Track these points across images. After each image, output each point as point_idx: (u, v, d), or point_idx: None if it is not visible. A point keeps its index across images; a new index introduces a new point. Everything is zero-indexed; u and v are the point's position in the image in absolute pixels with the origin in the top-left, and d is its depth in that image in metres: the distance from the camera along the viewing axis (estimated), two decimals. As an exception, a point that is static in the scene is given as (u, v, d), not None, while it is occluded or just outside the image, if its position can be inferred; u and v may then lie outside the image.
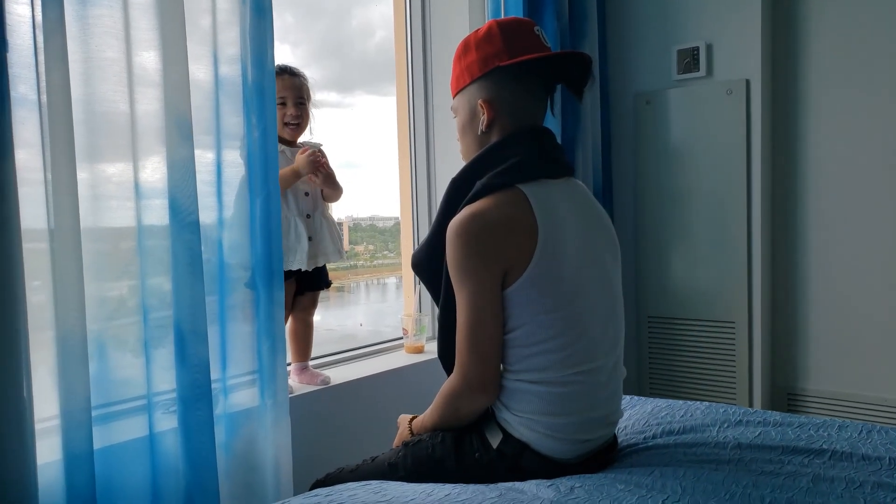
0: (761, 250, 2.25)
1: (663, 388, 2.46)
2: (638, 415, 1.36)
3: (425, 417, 1.18)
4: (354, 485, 1.04)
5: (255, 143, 1.41)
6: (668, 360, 2.44)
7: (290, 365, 1.76)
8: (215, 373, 1.36)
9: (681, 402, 1.43)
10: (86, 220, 1.15)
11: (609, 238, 1.17)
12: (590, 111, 2.33)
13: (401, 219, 2.37)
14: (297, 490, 1.51)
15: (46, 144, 1.08)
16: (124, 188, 1.22)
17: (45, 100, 1.07)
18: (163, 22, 1.22)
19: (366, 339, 2.22)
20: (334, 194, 1.77)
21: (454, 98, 1.20)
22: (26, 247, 1.04)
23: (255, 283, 1.43)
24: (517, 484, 1.02)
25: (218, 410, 1.37)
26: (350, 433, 1.77)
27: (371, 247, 2.67)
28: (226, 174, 1.39)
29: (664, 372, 2.45)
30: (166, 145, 1.24)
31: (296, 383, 1.74)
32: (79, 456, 1.12)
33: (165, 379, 1.26)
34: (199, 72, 1.33)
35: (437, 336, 1.18)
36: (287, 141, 1.72)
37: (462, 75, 1.17)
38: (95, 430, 1.15)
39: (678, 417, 1.32)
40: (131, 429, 1.24)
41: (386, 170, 2.39)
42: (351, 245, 2.59)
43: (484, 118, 1.14)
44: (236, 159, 1.41)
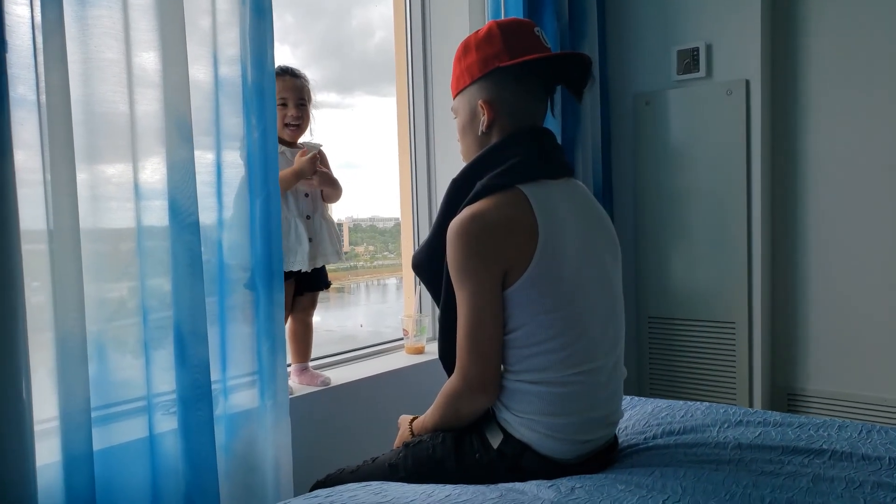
0: (761, 251, 2.25)
1: (663, 389, 2.45)
2: (638, 415, 1.36)
3: (426, 418, 1.18)
4: (355, 485, 1.04)
5: (254, 143, 1.41)
6: (668, 360, 2.44)
7: (289, 366, 1.76)
8: (215, 374, 1.36)
9: (681, 402, 1.43)
10: (85, 221, 1.15)
11: (609, 238, 1.17)
12: (590, 112, 2.33)
13: (401, 219, 2.36)
14: (298, 491, 1.51)
15: (46, 145, 1.08)
16: (124, 189, 1.22)
17: (44, 100, 1.06)
18: (162, 23, 1.22)
19: (366, 340, 2.22)
20: (334, 194, 1.77)
21: (454, 99, 1.20)
22: (25, 248, 1.04)
23: (255, 284, 1.43)
24: (518, 484, 1.02)
25: (218, 411, 1.37)
26: (350, 434, 1.77)
27: (371, 247, 2.67)
28: (226, 175, 1.39)
29: (664, 372, 2.45)
30: (166, 146, 1.23)
31: (296, 384, 1.74)
32: (78, 457, 1.12)
33: (165, 380, 1.26)
34: (199, 72, 1.33)
35: (437, 337, 1.18)
36: (287, 142, 1.72)
37: (462, 76, 1.16)
38: (95, 432, 1.15)
39: (678, 418, 1.32)
40: (131, 430, 1.24)
41: (386, 170, 2.39)
42: (351, 246, 2.58)
43: (484, 119, 1.14)
44: (236, 160, 1.41)
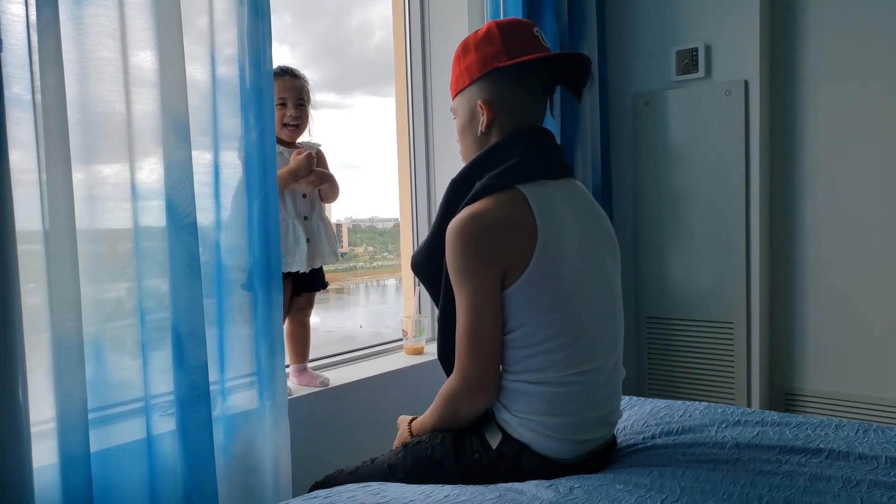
0: (760, 251, 2.25)
1: (662, 389, 2.45)
2: (637, 415, 1.36)
3: (425, 418, 1.18)
4: (354, 486, 1.04)
5: (252, 144, 1.40)
6: (666, 360, 2.44)
7: (288, 367, 1.75)
8: (213, 375, 1.35)
9: (679, 402, 1.43)
10: (81, 222, 1.14)
11: (608, 239, 1.17)
12: (589, 112, 2.33)
13: (400, 220, 2.36)
14: (297, 492, 1.51)
15: (41, 145, 1.07)
16: (121, 189, 1.21)
17: (39, 100, 1.06)
18: (159, 22, 1.21)
19: (366, 340, 2.22)
20: (332, 194, 1.76)
21: (454, 99, 1.20)
22: (21, 249, 1.03)
23: (253, 285, 1.43)
24: (516, 484, 1.02)
25: (216, 412, 1.37)
26: (349, 435, 1.77)
27: (370, 248, 2.66)
28: (223, 175, 1.38)
29: (663, 372, 2.45)
30: (163, 146, 1.23)
31: (294, 385, 1.73)
32: (75, 459, 1.11)
33: (163, 381, 1.26)
34: (197, 72, 1.32)
35: (436, 337, 1.18)
36: (285, 142, 1.72)
37: (461, 76, 1.16)
38: (92, 433, 1.15)
39: (677, 418, 1.32)
40: (129, 431, 1.23)
41: (385, 171, 2.38)
42: (350, 246, 2.58)
43: (483, 119, 1.13)
44: (234, 160, 1.40)
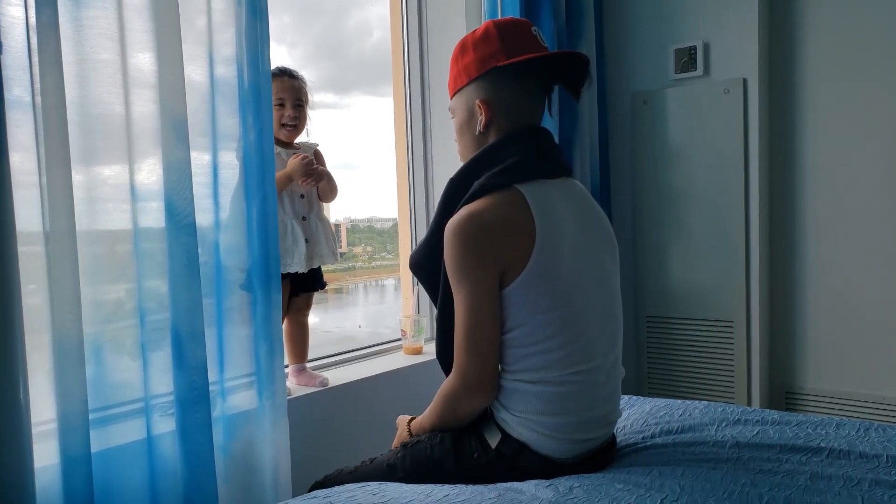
0: (759, 249, 2.25)
1: (662, 388, 2.46)
2: (636, 414, 1.36)
3: (424, 418, 1.18)
4: (353, 486, 1.04)
5: (251, 144, 1.40)
6: (666, 359, 2.44)
7: (287, 367, 1.75)
8: (213, 375, 1.35)
9: (679, 401, 1.43)
10: (81, 223, 1.15)
11: (607, 238, 1.17)
12: (587, 111, 2.33)
13: (399, 220, 2.36)
14: (296, 492, 1.51)
15: (41, 147, 1.07)
16: (120, 190, 1.22)
17: (39, 102, 1.06)
18: (157, 23, 1.21)
19: (365, 340, 2.22)
20: (330, 194, 1.76)
21: (452, 99, 1.20)
22: (22, 250, 1.03)
23: (252, 286, 1.43)
24: (516, 484, 1.02)
25: (216, 413, 1.37)
26: (349, 434, 1.77)
27: (369, 248, 2.67)
28: (222, 176, 1.39)
29: (663, 371, 2.45)
30: (162, 147, 1.23)
31: (294, 385, 1.73)
32: (76, 459, 1.11)
33: (163, 381, 1.26)
34: (195, 73, 1.32)
35: (435, 336, 1.18)
36: (283, 142, 1.72)
37: (459, 76, 1.16)
38: (93, 434, 1.15)
39: (677, 417, 1.32)
40: (129, 432, 1.24)
41: (384, 171, 2.38)
42: (349, 246, 2.58)
43: (481, 118, 1.13)
44: (233, 161, 1.41)
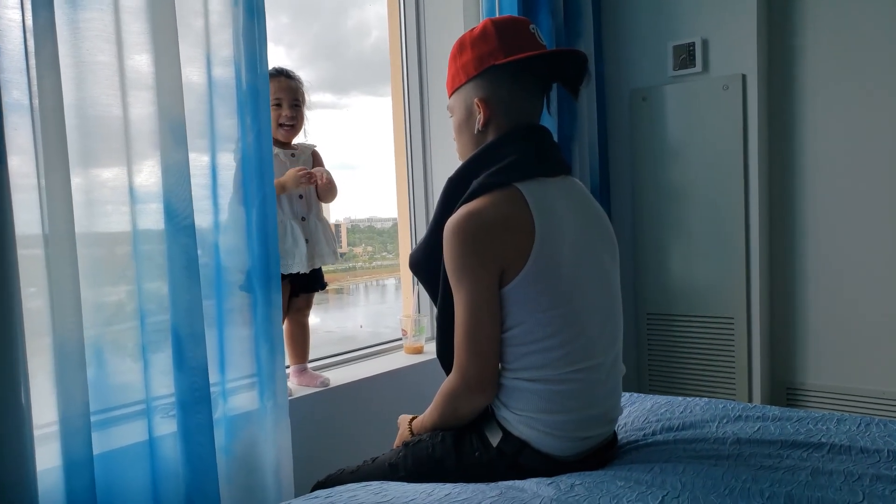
0: (759, 245, 2.25)
1: (663, 385, 2.46)
2: (637, 412, 1.36)
3: (425, 417, 1.18)
4: (355, 486, 1.04)
5: (249, 145, 1.40)
6: (667, 356, 2.44)
7: (288, 367, 1.75)
8: (214, 376, 1.36)
9: (680, 398, 1.43)
10: (81, 226, 1.15)
11: (607, 236, 1.17)
12: (586, 109, 2.33)
13: (398, 219, 2.36)
14: (298, 492, 1.51)
15: (39, 150, 1.07)
16: (119, 193, 1.22)
17: (37, 104, 1.06)
18: (154, 25, 1.21)
19: (366, 340, 2.22)
20: (330, 193, 1.76)
21: (450, 97, 1.20)
22: (21, 253, 1.04)
23: (253, 287, 1.43)
24: (517, 482, 1.02)
25: (217, 414, 1.37)
26: (350, 434, 1.77)
27: (370, 248, 2.67)
28: (221, 177, 1.39)
29: (664, 368, 2.45)
30: (160, 149, 1.23)
31: (295, 385, 1.73)
32: (78, 461, 1.12)
33: (164, 383, 1.26)
34: (193, 74, 1.32)
35: (435, 336, 1.18)
36: (281, 143, 1.72)
37: (458, 74, 1.16)
38: (95, 436, 1.15)
39: (678, 414, 1.32)
40: (130, 433, 1.24)
41: (383, 171, 2.38)
42: (349, 247, 2.58)
43: (480, 117, 1.13)
44: (231, 162, 1.41)
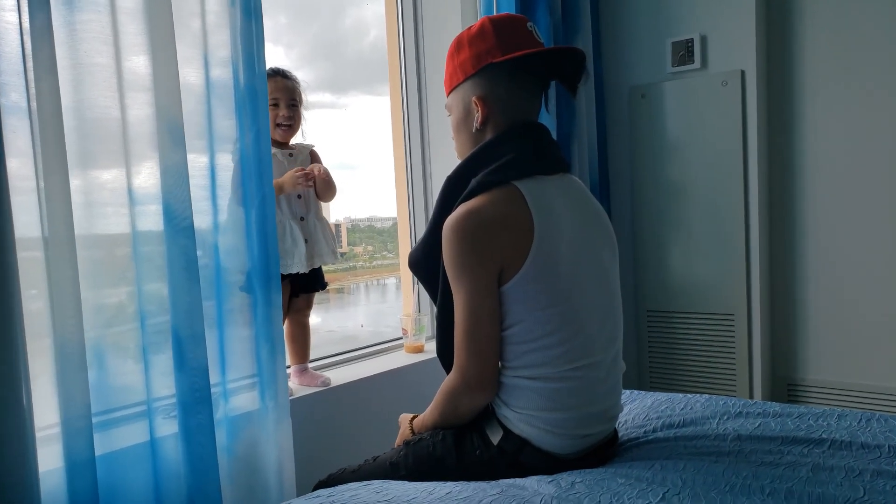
0: (759, 242, 2.25)
1: (663, 382, 2.46)
2: (638, 409, 1.37)
3: (426, 416, 1.18)
4: (356, 485, 1.05)
5: (248, 145, 1.40)
6: (667, 353, 2.44)
7: (289, 367, 1.76)
8: (215, 377, 1.36)
9: (681, 395, 1.43)
10: (80, 228, 1.15)
11: (606, 234, 1.17)
12: (585, 106, 2.32)
13: (398, 219, 2.36)
14: (300, 491, 1.51)
15: (38, 152, 1.08)
16: (118, 194, 1.22)
17: (35, 107, 1.06)
18: (151, 26, 1.21)
19: (367, 340, 2.22)
20: (329, 192, 1.76)
21: (448, 96, 1.20)
22: (21, 255, 1.04)
23: (253, 287, 1.43)
24: (518, 480, 1.03)
25: (218, 414, 1.37)
26: (351, 434, 1.78)
27: (370, 248, 2.67)
28: (220, 178, 1.39)
29: (664, 366, 2.46)
30: (159, 150, 1.23)
31: (296, 385, 1.74)
32: (80, 463, 1.12)
33: (165, 384, 1.26)
34: (191, 75, 1.32)
35: (435, 334, 1.18)
36: (279, 142, 1.72)
37: (455, 73, 1.16)
38: (96, 437, 1.15)
39: (678, 411, 1.32)
40: (132, 435, 1.24)
41: (383, 170, 2.38)
42: (350, 246, 2.58)
43: (478, 115, 1.13)
44: (230, 162, 1.41)
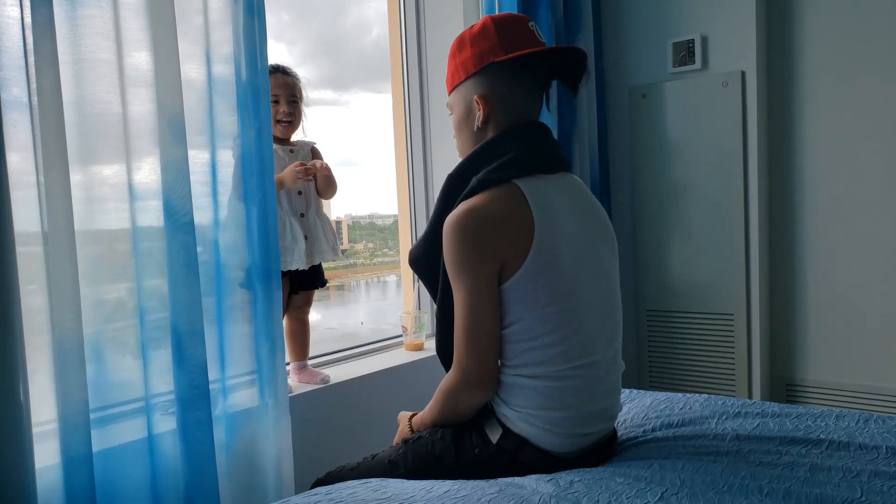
0: (759, 242, 2.25)
1: (663, 381, 2.46)
2: (637, 408, 1.37)
3: (425, 414, 1.18)
4: (355, 483, 1.04)
5: (250, 142, 1.40)
6: (667, 353, 2.44)
7: (289, 364, 1.76)
8: (214, 374, 1.36)
9: (680, 394, 1.43)
10: (80, 223, 1.15)
11: (606, 233, 1.17)
12: (586, 106, 2.32)
13: (399, 216, 2.36)
14: (299, 489, 1.51)
15: (39, 147, 1.07)
16: (118, 190, 1.22)
17: (36, 102, 1.06)
18: (154, 22, 1.21)
19: (367, 337, 2.22)
20: (329, 189, 1.76)
21: (450, 94, 1.20)
22: (20, 250, 1.04)
23: (253, 284, 1.43)
24: (517, 479, 1.02)
25: (217, 411, 1.37)
26: (350, 431, 1.78)
27: (371, 245, 2.67)
28: (221, 174, 1.39)
29: (663, 365, 2.46)
30: (160, 146, 1.23)
31: (295, 382, 1.74)
32: (78, 459, 1.12)
33: (163, 381, 1.26)
34: (193, 71, 1.32)
35: (435, 332, 1.18)
36: (279, 139, 1.72)
37: (457, 72, 1.16)
38: (94, 433, 1.15)
39: (677, 410, 1.32)
40: (130, 431, 1.24)
41: (384, 167, 2.38)
42: (350, 243, 2.58)
43: (479, 114, 1.13)
44: (231, 159, 1.41)
